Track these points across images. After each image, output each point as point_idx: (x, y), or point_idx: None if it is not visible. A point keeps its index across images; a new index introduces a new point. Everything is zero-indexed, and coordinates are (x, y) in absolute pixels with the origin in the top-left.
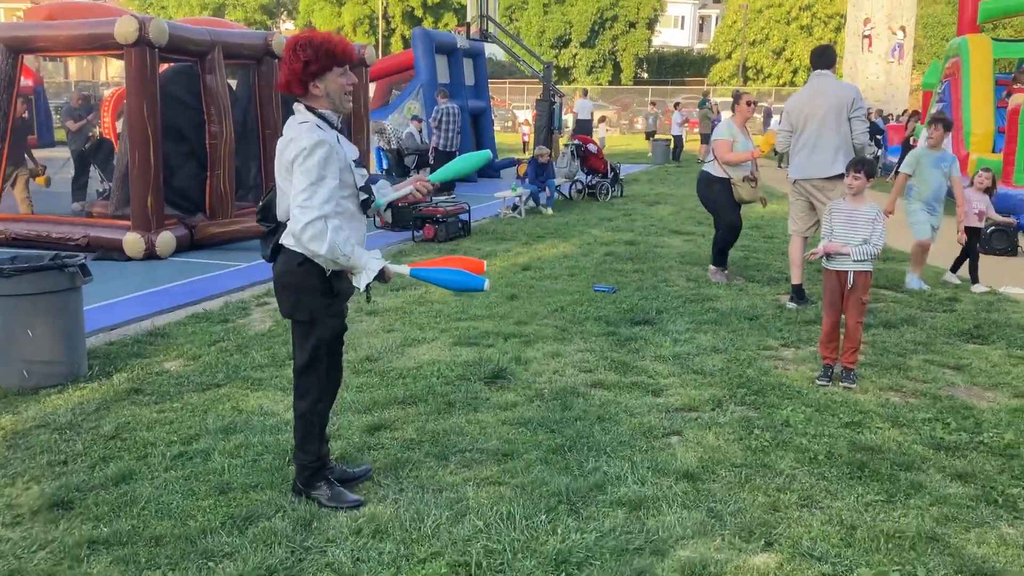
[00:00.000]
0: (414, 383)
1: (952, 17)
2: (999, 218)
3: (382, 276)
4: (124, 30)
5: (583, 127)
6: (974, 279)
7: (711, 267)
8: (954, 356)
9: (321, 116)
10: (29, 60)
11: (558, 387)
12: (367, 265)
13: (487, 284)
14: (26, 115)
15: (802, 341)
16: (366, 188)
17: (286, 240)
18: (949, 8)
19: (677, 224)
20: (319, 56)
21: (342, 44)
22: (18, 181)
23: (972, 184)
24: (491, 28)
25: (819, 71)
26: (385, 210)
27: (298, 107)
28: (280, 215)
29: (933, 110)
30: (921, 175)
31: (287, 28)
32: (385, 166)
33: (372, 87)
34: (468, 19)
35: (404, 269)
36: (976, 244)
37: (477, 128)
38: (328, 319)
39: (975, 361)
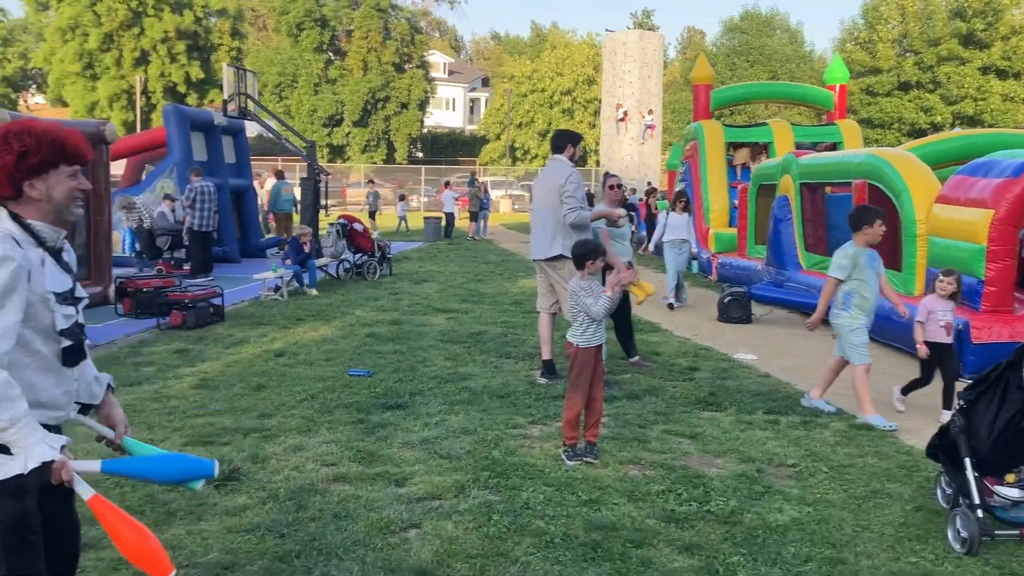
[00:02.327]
0: (132, 492)
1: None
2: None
3: (50, 471)
4: None
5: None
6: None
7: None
8: (690, 425)
9: (27, 227)
10: None
11: (295, 486)
12: (32, 448)
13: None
14: None
15: (549, 417)
16: (71, 332)
17: None
18: (692, 95)
19: (442, 302)
20: (42, 147)
21: (74, 138)
22: None
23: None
24: (251, 106)
25: (554, 156)
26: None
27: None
28: None
29: (677, 188)
30: (860, 278)
31: (36, 103)
32: (137, 247)
33: (120, 164)
34: (226, 96)
35: (95, 466)
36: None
37: (239, 207)
38: None
39: (708, 428)
